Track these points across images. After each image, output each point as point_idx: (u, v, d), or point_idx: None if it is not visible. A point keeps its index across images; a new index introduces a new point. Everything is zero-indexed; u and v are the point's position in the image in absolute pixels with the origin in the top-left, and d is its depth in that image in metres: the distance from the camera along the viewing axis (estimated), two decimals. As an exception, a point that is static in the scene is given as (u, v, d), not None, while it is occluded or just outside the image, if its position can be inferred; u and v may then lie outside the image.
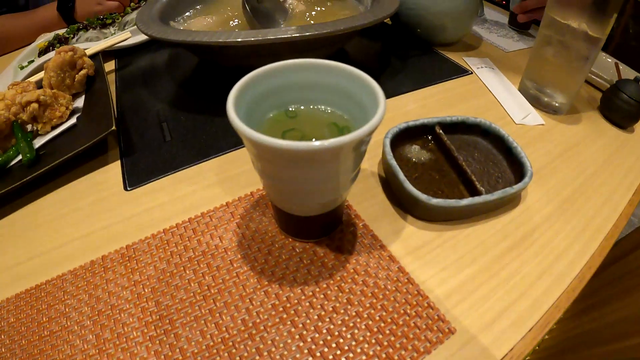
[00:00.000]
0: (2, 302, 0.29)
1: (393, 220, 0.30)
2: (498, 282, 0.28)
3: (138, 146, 0.38)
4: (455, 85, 0.47)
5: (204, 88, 0.48)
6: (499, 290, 0.28)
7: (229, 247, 0.28)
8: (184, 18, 0.49)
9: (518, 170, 0.33)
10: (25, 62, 0.56)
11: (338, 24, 0.35)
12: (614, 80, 0.52)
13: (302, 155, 0.19)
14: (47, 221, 0.34)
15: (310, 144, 0.18)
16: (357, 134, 0.19)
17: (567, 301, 0.29)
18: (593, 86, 0.51)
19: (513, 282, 0.28)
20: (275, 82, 0.25)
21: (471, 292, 0.27)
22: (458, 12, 0.49)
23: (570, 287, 0.29)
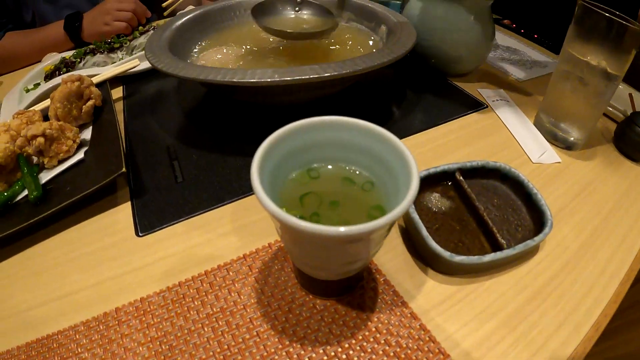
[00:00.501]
0: (13, 349, 0.30)
1: (414, 273, 0.32)
2: (517, 336, 0.30)
3: (149, 187, 0.39)
4: (472, 120, 0.49)
5: (213, 121, 0.49)
6: (518, 344, 0.29)
7: (248, 303, 0.29)
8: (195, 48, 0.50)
9: (537, 217, 0.35)
10: (31, 85, 0.57)
11: (357, 63, 0.36)
12: (628, 111, 0.54)
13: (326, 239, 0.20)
14: (56, 265, 0.35)
15: (334, 229, 0.19)
16: (387, 219, 0.20)
17: (584, 352, 0.31)
18: (607, 116, 0.54)
19: (532, 336, 0.30)
20: (298, 141, 0.26)
21: (491, 348, 0.29)
22: (474, 44, 0.50)
23: (587, 336, 0.31)
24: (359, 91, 0.54)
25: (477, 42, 0.50)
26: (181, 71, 0.37)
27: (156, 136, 0.46)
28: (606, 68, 0.41)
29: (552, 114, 0.47)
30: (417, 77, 0.57)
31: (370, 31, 0.53)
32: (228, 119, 0.49)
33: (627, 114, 0.53)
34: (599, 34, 0.40)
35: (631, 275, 0.36)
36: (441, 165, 0.36)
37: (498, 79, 0.59)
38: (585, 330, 0.31)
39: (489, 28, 0.51)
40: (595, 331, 0.31)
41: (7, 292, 0.34)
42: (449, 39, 0.50)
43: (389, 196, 0.26)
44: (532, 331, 0.30)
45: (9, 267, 0.36)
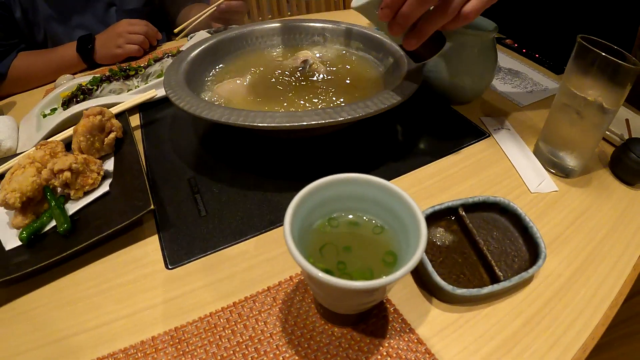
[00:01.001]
0: None
1: (420, 303, 0.38)
2: (512, 357, 0.36)
3: (174, 220, 0.44)
4: (475, 151, 0.54)
5: (230, 151, 0.55)
6: (513, 366, 0.35)
7: (274, 332, 0.35)
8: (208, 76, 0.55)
9: (533, 248, 0.40)
10: (48, 110, 0.61)
11: (370, 106, 0.42)
12: (625, 135, 0.60)
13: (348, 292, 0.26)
14: (90, 295, 0.40)
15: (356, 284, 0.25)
16: (400, 273, 0.25)
17: (572, 371, 0.37)
18: (605, 140, 0.59)
19: (525, 357, 0.36)
20: (320, 196, 0.31)
21: (489, 370, 0.35)
22: (478, 74, 0.56)
23: (575, 357, 0.37)
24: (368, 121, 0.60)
25: (481, 73, 0.56)
26: (203, 112, 0.42)
27: (176, 167, 0.51)
28: (602, 103, 0.47)
29: (551, 143, 0.52)
30: (422, 105, 0.62)
31: (377, 62, 0.58)
32: (244, 149, 0.54)
33: (624, 138, 0.59)
34: (595, 70, 0.45)
35: (620, 299, 0.42)
36: (445, 202, 0.42)
37: (500, 105, 0.64)
38: (573, 351, 0.37)
39: (492, 58, 0.57)
40: (582, 352, 0.37)
41: (43, 320, 0.39)
42: (453, 70, 0.56)
43: (400, 242, 0.31)
44: (525, 353, 0.36)
45: (42, 297, 0.41)
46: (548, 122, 0.52)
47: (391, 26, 0.42)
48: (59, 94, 0.63)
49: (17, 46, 0.82)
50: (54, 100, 0.63)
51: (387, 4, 0.40)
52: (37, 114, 0.60)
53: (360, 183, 0.31)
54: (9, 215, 0.48)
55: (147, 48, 0.81)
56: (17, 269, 0.40)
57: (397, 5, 0.39)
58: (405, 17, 0.40)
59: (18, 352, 0.36)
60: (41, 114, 0.61)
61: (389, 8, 0.40)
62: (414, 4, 0.38)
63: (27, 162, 0.47)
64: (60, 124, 0.55)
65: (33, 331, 0.38)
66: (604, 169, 0.54)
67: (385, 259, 0.31)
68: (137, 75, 0.66)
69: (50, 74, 0.78)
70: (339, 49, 0.65)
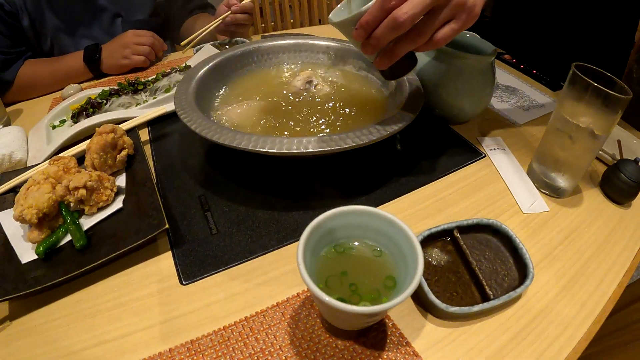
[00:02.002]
0: None
1: (416, 318, 0.43)
2: None
3: (186, 237, 0.50)
4: (471, 172, 0.60)
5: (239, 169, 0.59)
6: (500, 377, 0.41)
7: (282, 344, 0.41)
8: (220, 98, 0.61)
9: (522, 268, 0.46)
10: (57, 121, 0.66)
11: (373, 133, 0.47)
12: (616, 155, 0.66)
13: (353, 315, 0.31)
14: (107, 308, 0.45)
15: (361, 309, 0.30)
16: (401, 299, 0.31)
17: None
18: (597, 158, 0.65)
19: None
20: (328, 226, 0.37)
21: (478, 380, 0.41)
22: (476, 96, 0.61)
23: None
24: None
25: (480, 94, 0.61)
26: (214, 136, 0.47)
27: (186, 184, 0.56)
28: (593, 130, 0.52)
29: (544, 164, 0.58)
30: (421, 124, 0.67)
31: (379, 82, 0.64)
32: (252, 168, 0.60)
33: (615, 158, 0.65)
34: (588, 97, 0.49)
35: (603, 316, 0.47)
36: (442, 225, 0.47)
37: (496, 124, 0.70)
38: None
39: (491, 80, 0.62)
40: (564, 366, 0.43)
41: (61, 332, 0.43)
42: (452, 91, 0.61)
43: (399, 267, 0.37)
44: None
45: (60, 309, 0.45)
46: (541, 144, 0.58)
47: (364, 46, 0.46)
48: (69, 106, 0.68)
49: (24, 54, 0.86)
50: (63, 111, 0.67)
51: (362, 25, 0.43)
52: (46, 125, 0.64)
53: (364, 214, 0.37)
54: (23, 228, 0.52)
55: (153, 59, 0.85)
56: (36, 283, 0.44)
57: (371, 28, 0.43)
58: (377, 39, 0.44)
59: None
60: (50, 125, 0.65)
61: (363, 29, 0.44)
62: (387, 29, 0.42)
63: (41, 178, 0.52)
64: (70, 137, 0.60)
65: (51, 342, 0.42)
66: (594, 188, 0.60)
67: (386, 283, 0.37)
68: (145, 89, 0.71)
69: (56, 82, 0.82)
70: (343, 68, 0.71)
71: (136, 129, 0.60)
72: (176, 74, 0.73)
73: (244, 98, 0.61)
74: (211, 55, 0.63)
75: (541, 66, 0.83)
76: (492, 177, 0.59)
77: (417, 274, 0.33)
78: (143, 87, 0.70)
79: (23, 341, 0.42)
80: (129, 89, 0.69)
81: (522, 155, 0.63)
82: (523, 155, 0.63)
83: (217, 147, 0.63)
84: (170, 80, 0.71)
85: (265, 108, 0.60)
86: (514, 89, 0.77)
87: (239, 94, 0.62)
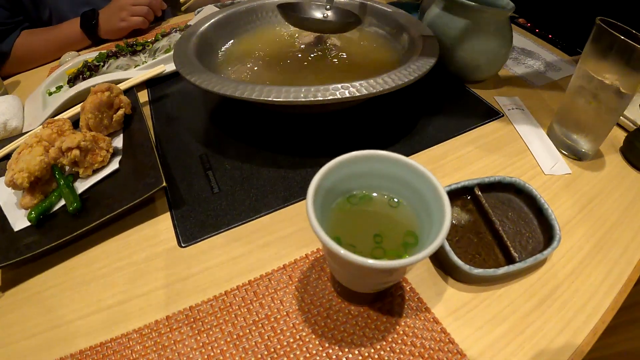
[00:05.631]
0: (66, 357, 0.34)
1: (436, 282, 0.38)
2: (524, 339, 0.37)
3: (186, 197, 0.44)
4: (488, 130, 0.54)
5: (242, 127, 0.54)
6: (525, 345, 0.36)
7: (290, 310, 0.36)
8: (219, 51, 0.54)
9: (547, 230, 0.41)
10: (53, 88, 0.60)
11: (387, 82, 0.42)
12: (638, 120, 0.60)
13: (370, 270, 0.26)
14: (102, 275, 0.40)
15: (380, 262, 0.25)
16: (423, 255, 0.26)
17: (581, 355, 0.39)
18: (618, 125, 0.60)
19: (537, 339, 0.37)
20: (341, 174, 0.31)
21: (502, 349, 0.36)
22: (493, 53, 0.55)
23: (584, 341, 0.38)
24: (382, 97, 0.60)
25: (496, 51, 0.55)
26: (215, 87, 0.42)
27: (187, 144, 0.51)
28: (619, 87, 0.47)
29: (565, 125, 0.53)
30: (436, 82, 0.62)
31: (391, 37, 0.58)
32: (256, 124, 0.54)
33: (637, 124, 0.59)
34: (613, 54, 0.45)
35: (629, 285, 0.43)
36: (462, 182, 0.42)
37: (514, 84, 0.64)
38: (583, 335, 0.37)
39: (507, 37, 0.56)
40: (592, 336, 0.38)
41: (55, 301, 0.39)
42: (468, 48, 0.55)
43: (421, 221, 0.32)
44: (537, 335, 0.37)
45: (54, 277, 0.41)
46: (563, 104, 0.52)
47: None
48: (65, 72, 0.62)
49: (21, 24, 0.80)
50: (60, 77, 0.62)
51: None
52: (42, 92, 0.59)
53: (382, 160, 0.32)
54: (16, 195, 0.47)
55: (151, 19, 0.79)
56: (27, 250, 0.40)
57: None
58: None
59: (31, 335, 0.36)
60: (47, 91, 0.60)
61: None
62: None
63: (34, 141, 0.46)
64: (66, 101, 0.55)
65: (45, 313, 0.38)
66: (615, 153, 0.55)
67: (406, 239, 0.31)
68: (145, 50, 0.65)
69: (54, 51, 0.77)
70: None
71: (134, 90, 0.55)
72: (176, 34, 0.67)
73: (249, 55, 0.55)
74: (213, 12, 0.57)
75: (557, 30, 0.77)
76: (511, 136, 0.54)
77: (444, 224, 0.28)
78: (142, 48, 0.65)
79: (16, 313, 0.38)
80: (127, 50, 0.64)
81: (541, 117, 0.57)
82: (542, 117, 0.57)
83: (219, 105, 0.57)
84: (170, 41, 0.65)
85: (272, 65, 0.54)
86: (530, 52, 0.71)
87: (243, 52, 0.56)
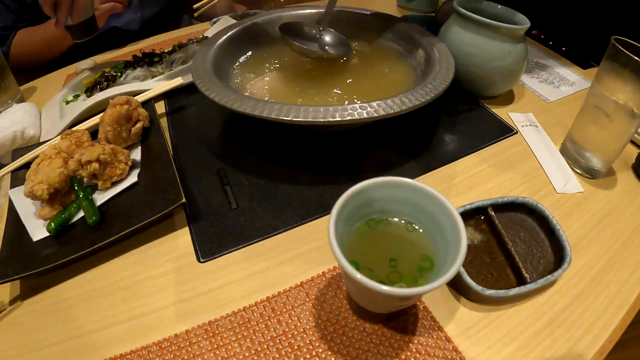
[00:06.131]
0: None
1: (448, 302, 0.39)
2: (533, 357, 0.37)
3: (204, 212, 0.46)
4: (502, 148, 0.55)
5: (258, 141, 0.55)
6: (534, 366, 0.38)
7: (307, 327, 0.37)
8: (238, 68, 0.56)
9: (558, 251, 0.42)
10: (71, 96, 0.62)
11: (404, 103, 0.43)
12: (650, 137, 0.61)
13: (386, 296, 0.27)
14: (121, 287, 0.41)
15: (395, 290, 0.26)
16: (439, 283, 0.27)
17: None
18: (631, 142, 0.60)
19: (545, 358, 0.38)
20: (361, 199, 0.32)
21: (511, 369, 0.37)
22: (508, 70, 0.56)
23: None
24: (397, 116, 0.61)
25: (511, 68, 0.56)
26: (234, 104, 0.43)
27: (204, 157, 0.52)
28: (633, 108, 0.47)
29: (578, 143, 0.53)
30: (450, 98, 0.62)
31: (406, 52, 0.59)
32: (273, 140, 0.55)
33: (649, 140, 0.60)
34: (628, 73, 0.46)
35: (638, 304, 0.44)
36: (475, 202, 0.43)
37: (527, 99, 0.65)
38: (591, 354, 0.38)
39: (522, 54, 0.56)
40: (599, 355, 0.39)
41: (74, 311, 0.40)
42: (483, 64, 0.56)
43: (436, 245, 0.33)
44: (545, 354, 0.38)
45: (73, 288, 0.42)
46: (576, 122, 0.53)
47: None
48: (82, 80, 0.63)
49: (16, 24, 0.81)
50: (77, 86, 0.63)
51: None
52: (59, 100, 0.60)
53: (400, 186, 0.33)
54: (35, 205, 0.48)
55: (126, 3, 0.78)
56: (47, 261, 0.41)
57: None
58: None
59: (49, 344, 0.37)
60: (64, 100, 0.61)
61: None
62: None
63: (53, 153, 0.47)
64: (84, 111, 0.56)
65: (64, 323, 0.39)
66: (627, 171, 0.56)
67: (422, 263, 0.33)
68: (161, 61, 0.66)
69: (49, 47, 0.78)
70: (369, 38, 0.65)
71: (152, 102, 0.56)
72: (193, 45, 0.68)
73: (265, 68, 0.56)
74: (229, 25, 0.58)
75: (570, 43, 0.77)
76: (524, 154, 0.55)
77: (460, 252, 0.29)
78: (159, 59, 0.66)
79: (33, 322, 0.39)
80: (145, 61, 0.65)
81: (554, 133, 0.58)
82: (555, 133, 0.58)
83: (236, 119, 0.58)
84: (187, 52, 0.66)
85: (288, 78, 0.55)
86: (544, 65, 0.71)
87: (259, 64, 0.57)
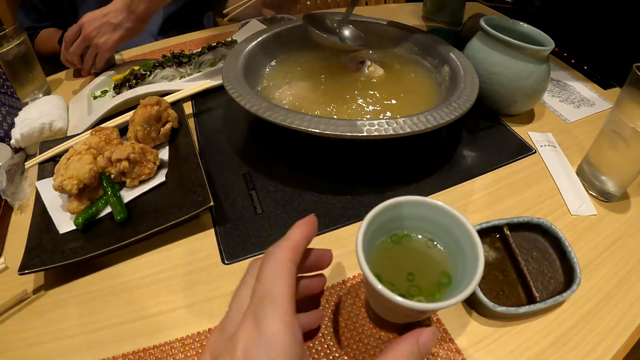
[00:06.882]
0: (108, 358, 0.37)
1: (460, 315, 0.42)
2: None
3: (230, 215, 0.48)
4: (520, 167, 0.57)
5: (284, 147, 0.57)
6: (539, 382, 0.40)
7: (325, 332, 0.40)
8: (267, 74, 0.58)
9: (568, 272, 0.44)
10: (99, 92, 0.64)
11: (430, 121, 0.45)
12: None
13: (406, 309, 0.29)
14: (146, 284, 0.43)
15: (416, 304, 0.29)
16: (456, 300, 0.29)
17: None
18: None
19: None
20: (386, 216, 0.35)
21: (517, 383, 0.40)
22: (530, 89, 0.57)
23: None
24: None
25: (534, 88, 0.57)
26: (266, 113, 0.45)
27: (231, 160, 0.54)
28: (650, 136, 0.49)
29: (594, 166, 0.55)
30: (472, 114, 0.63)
31: (432, 67, 0.60)
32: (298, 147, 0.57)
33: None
34: None
35: (643, 326, 0.46)
36: (492, 221, 0.45)
37: (547, 119, 0.66)
38: None
39: (545, 74, 0.58)
40: (601, 375, 0.42)
41: (98, 304, 0.42)
42: (507, 83, 0.57)
43: (455, 262, 0.35)
44: None
45: (97, 281, 0.44)
46: (594, 145, 0.55)
47: None
48: (111, 76, 0.65)
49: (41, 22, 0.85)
50: (105, 82, 0.65)
51: None
52: (87, 95, 0.62)
53: (423, 205, 0.35)
54: (62, 197, 0.51)
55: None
56: (74, 254, 0.43)
57: None
58: None
59: (72, 334, 0.39)
60: (92, 95, 0.63)
61: None
62: None
63: (83, 149, 0.50)
64: (112, 108, 0.58)
65: (88, 315, 0.41)
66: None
67: (441, 279, 0.35)
68: (190, 62, 0.68)
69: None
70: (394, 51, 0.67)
71: (180, 102, 0.58)
72: (222, 48, 0.70)
73: (293, 76, 0.59)
74: (259, 30, 0.60)
75: (592, 62, 0.78)
76: (542, 174, 0.57)
77: (477, 272, 0.31)
78: (188, 60, 0.68)
79: (56, 312, 0.41)
80: (174, 61, 0.67)
81: (572, 154, 0.60)
82: (573, 155, 0.59)
83: (262, 124, 0.60)
84: (216, 54, 0.69)
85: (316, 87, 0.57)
86: (565, 85, 0.72)
87: (287, 71, 0.59)
